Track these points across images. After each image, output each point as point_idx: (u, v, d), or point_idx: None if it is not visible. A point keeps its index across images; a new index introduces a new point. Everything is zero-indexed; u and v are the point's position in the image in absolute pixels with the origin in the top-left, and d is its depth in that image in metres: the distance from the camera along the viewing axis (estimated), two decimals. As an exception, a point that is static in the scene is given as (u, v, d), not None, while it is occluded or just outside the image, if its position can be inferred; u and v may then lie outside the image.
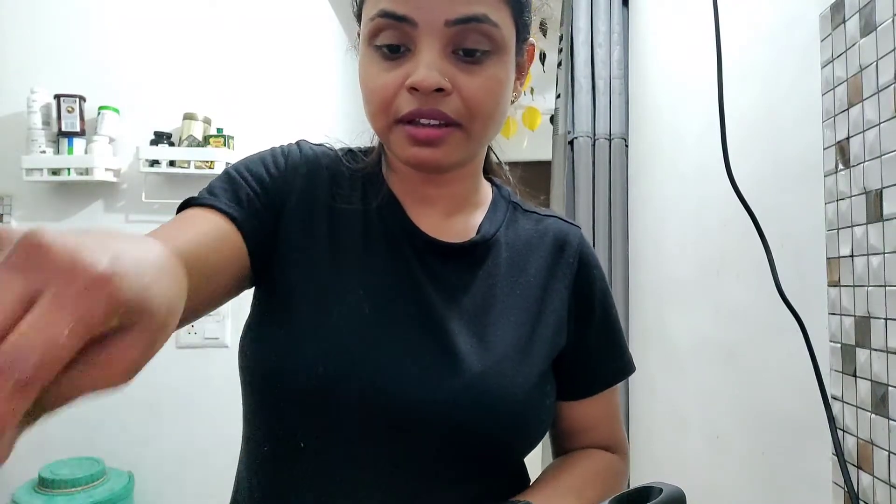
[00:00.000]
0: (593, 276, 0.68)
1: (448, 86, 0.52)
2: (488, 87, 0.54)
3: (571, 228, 0.69)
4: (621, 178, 1.89)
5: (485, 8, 0.52)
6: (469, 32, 0.52)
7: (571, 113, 1.93)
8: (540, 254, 0.65)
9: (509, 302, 0.62)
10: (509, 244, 0.65)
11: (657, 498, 0.43)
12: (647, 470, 1.66)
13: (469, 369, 0.56)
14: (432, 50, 0.52)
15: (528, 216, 0.69)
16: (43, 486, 1.63)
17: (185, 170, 1.82)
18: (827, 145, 0.78)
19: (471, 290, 0.61)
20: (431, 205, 0.64)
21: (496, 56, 0.54)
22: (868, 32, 0.69)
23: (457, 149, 0.56)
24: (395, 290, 0.59)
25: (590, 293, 0.67)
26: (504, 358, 0.58)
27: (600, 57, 1.91)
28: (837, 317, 0.76)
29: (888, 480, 0.65)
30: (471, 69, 0.53)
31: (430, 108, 0.53)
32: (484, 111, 0.55)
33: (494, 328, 0.60)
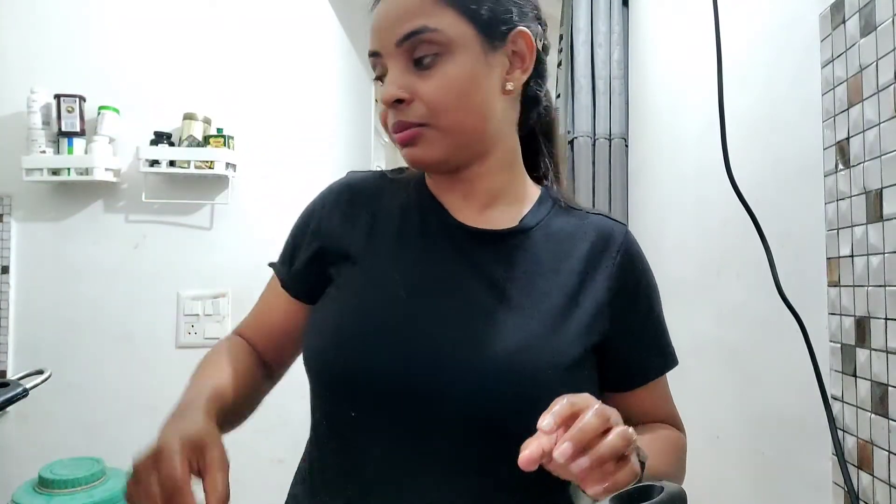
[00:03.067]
0: (637, 270, 0.70)
1: (404, 95, 0.61)
2: (443, 85, 0.61)
3: (617, 225, 0.71)
4: (621, 178, 1.89)
5: (422, 20, 0.60)
6: (416, 45, 0.61)
7: (571, 113, 1.93)
8: (582, 246, 0.67)
9: (546, 288, 0.64)
10: (551, 236, 0.68)
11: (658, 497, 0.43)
12: (647, 470, 1.66)
13: (504, 350, 0.59)
14: (395, 69, 0.62)
15: (574, 213, 0.71)
16: (43, 486, 1.63)
17: (185, 170, 1.82)
18: (827, 145, 0.78)
19: (508, 276, 0.64)
20: (468, 199, 0.69)
21: (447, 56, 0.61)
22: (868, 32, 0.69)
23: (434, 144, 0.63)
24: (431, 275, 0.64)
25: (634, 287, 0.69)
26: (539, 340, 0.60)
27: (600, 57, 1.91)
28: (837, 317, 0.76)
29: (888, 480, 0.65)
30: (425, 74, 0.61)
31: (397, 121, 0.63)
32: (444, 107, 0.61)
33: (531, 312, 0.62)
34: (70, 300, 1.87)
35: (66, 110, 1.81)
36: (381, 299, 0.64)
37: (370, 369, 0.60)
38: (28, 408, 1.56)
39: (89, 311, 1.87)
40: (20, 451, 1.85)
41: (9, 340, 1.90)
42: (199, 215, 1.92)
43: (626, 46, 1.93)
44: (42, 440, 1.86)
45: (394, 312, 0.62)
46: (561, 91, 2.00)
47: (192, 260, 1.89)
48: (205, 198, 1.92)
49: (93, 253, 1.88)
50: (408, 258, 0.66)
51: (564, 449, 0.44)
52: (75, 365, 1.85)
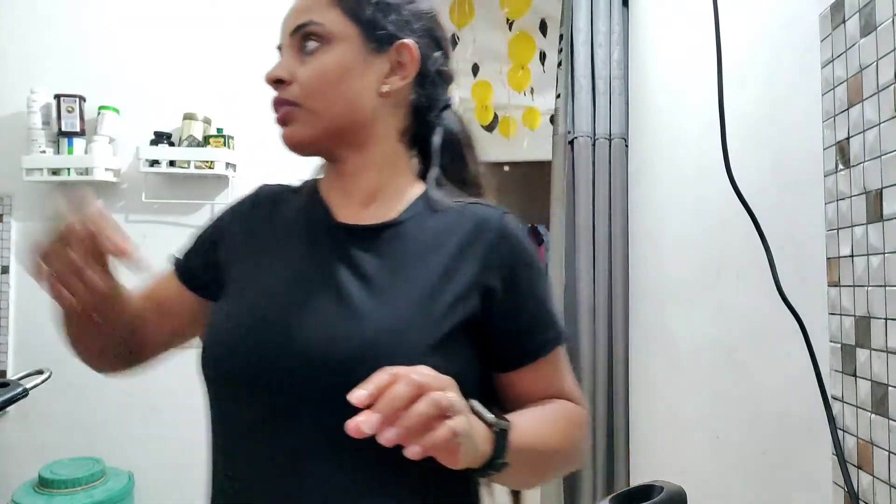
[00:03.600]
0: (514, 251, 0.71)
1: (284, 75, 0.70)
2: (318, 71, 0.69)
3: (493, 210, 0.73)
4: (621, 178, 1.89)
5: (310, 15, 0.70)
6: (304, 36, 0.70)
7: (571, 113, 1.93)
8: (458, 234, 0.71)
9: (415, 276, 0.68)
10: (425, 228, 0.72)
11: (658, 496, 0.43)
12: (647, 470, 1.66)
13: (365, 330, 0.63)
14: (285, 56, 0.72)
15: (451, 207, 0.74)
16: (43, 486, 1.63)
17: (185, 170, 1.82)
18: (827, 145, 0.78)
19: (379, 267, 0.68)
20: (348, 197, 0.74)
21: (326, 46, 0.70)
22: (868, 32, 0.69)
23: (302, 124, 0.71)
24: (307, 271, 0.69)
25: (510, 267, 0.70)
26: (402, 324, 0.64)
27: (600, 57, 1.91)
28: (837, 317, 0.76)
29: (888, 480, 0.65)
30: (305, 60, 0.70)
31: (276, 96, 0.71)
32: (314, 88, 0.69)
33: (397, 298, 0.66)
34: (70, 300, 1.87)
35: (66, 110, 1.81)
36: (254, 298, 0.69)
37: (238, 365, 0.65)
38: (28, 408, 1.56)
39: (89, 311, 1.87)
40: (20, 451, 1.86)
41: (9, 340, 1.90)
42: (199, 215, 1.92)
43: (626, 46, 1.93)
44: (42, 440, 1.86)
45: (267, 311, 0.67)
46: (561, 91, 2.00)
47: (192, 260, 1.89)
48: (205, 198, 1.92)
49: (93, 253, 1.88)
50: (287, 258, 0.72)
51: (371, 420, 0.47)
52: (75, 365, 1.84)
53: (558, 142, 2.00)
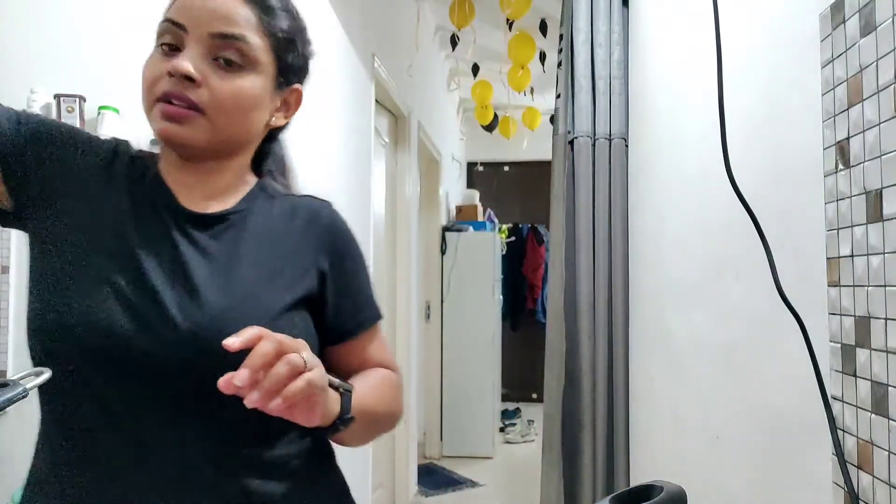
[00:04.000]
0: (340, 239, 0.82)
1: (197, 76, 0.67)
2: (234, 92, 0.69)
3: (323, 203, 0.84)
4: (621, 178, 1.89)
5: (241, 29, 0.69)
6: (227, 46, 0.69)
7: (571, 113, 1.93)
8: (293, 222, 0.79)
9: (256, 257, 0.74)
10: (263, 215, 0.78)
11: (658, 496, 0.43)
12: (647, 470, 1.66)
13: (206, 308, 0.67)
14: (194, 52, 0.68)
15: (285, 199, 0.82)
16: (43, 486, 1.63)
17: (185, 170, 1.82)
18: (827, 145, 0.78)
19: (223, 251, 0.73)
20: (194, 189, 0.76)
21: (247, 71, 0.70)
22: (868, 32, 0.69)
23: (199, 131, 0.69)
24: (157, 251, 0.70)
25: (338, 252, 0.81)
26: (243, 300, 0.70)
27: (600, 57, 1.91)
28: (837, 317, 0.76)
29: (888, 480, 0.65)
30: (223, 75, 0.69)
31: (179, 91, 0.67)
32: (226, 108, 0.69)
33: (237, 277, 0.71)
34: (70, 300, 1.87)
35: (66, 110, 1.81)
36: (102, 273, 0.68)
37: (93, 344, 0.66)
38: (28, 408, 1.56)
39: (89, 311, 1.87)
40: (20, 452, 1.86)
41: (9, 340, 1.90)
42: (199, 215, 1.92)
43: (626, 46, 1.93)
44: (42, 440, 1.86)
45: (108, 293, 0.67)
46: (561, 91, 2.00)
47: (192, 260, 1.89)
48: (205, 198, 1.92)
49: (93, 253, 1.88)
50: (133, 237, 0.71)
51: (242, 375, 0.54)
52: (75, 365, 1.85)
53: (558, 142, 2.00)
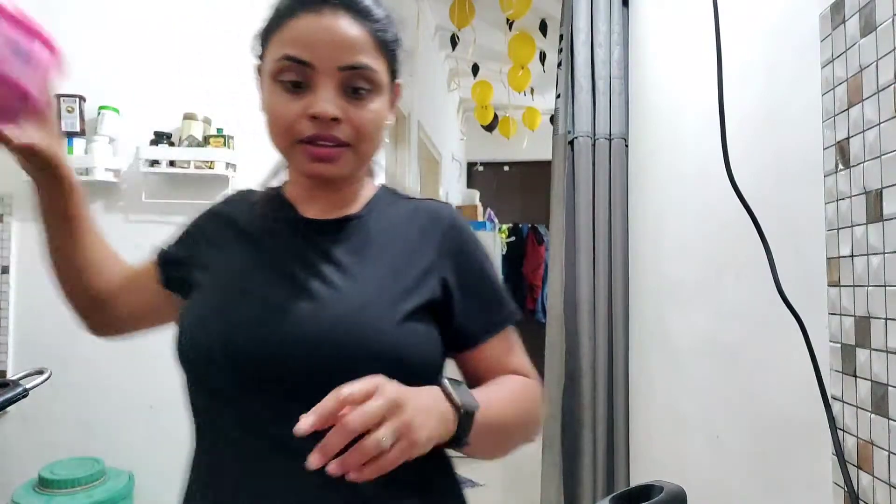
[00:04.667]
0: (463, 239, 0.79)
1: (341, 116, 0.69)
2: (371, 117, 0.71)
3: (444, 205, 0.83)
4: (621, 178, 1.89)
5: (367, 59, 0.70)
6: (356, 76, 0.70)
7: (571, 113, 1.93)
8: (413, 225, 0.78)
9: (378, 262, 0.74)
10: (384, 220, 0.79)
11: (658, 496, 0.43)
12: (647, 470, 1.66)
13: (339, 315, 0.68)
14: (328, 88, 0.69)
15: (406, 202, 0.83)
16: (43, 486, 1.63)
17: (185, 170, 1.82)
18: (827, 145, 0.78)
19: (345, 255, 0.74)
20: (318, 201, 0.79)
21: (375, 94, 0.72)
22: (868, 32, 0.69)
23: (347, 164, 0.72)
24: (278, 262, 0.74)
25: (461, 254, 0.78)
26: (369, 302, 0.70)
27: (600, 57, 1.91)
28: (837, 317, 0.76)
29: (888, 480, 0.65)
30: (357, 104, 0.70)
31: (326, 133, 0.69)
32: (368, 134, 0.72)
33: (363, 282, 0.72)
34: (70, 300, 1.87)
35: (66, 110, 1.81)
36: (229, 289, 0.73)
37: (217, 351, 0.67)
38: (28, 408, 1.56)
39: (89, 311, 1.87)
40: (20, 451, 1.86)
41: (9, 340, 1.90)
42: (199, 215, 1.92)
43: (626, 46, 1.93)
44: (42, 440, 1.86)
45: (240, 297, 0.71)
46: (561, 91, 2.00)
47: (192, 260, 1.89)
48: (205, 198, 1.91)
49: (93, 253, 1.88)
50: (257, 253, 0.76)
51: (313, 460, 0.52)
52: (75, 365, 1.85)
53: (558, 142, 2.00)
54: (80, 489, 1.63)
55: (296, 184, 0.81)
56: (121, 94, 1.90)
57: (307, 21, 0.69)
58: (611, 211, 1.88)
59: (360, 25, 0.70)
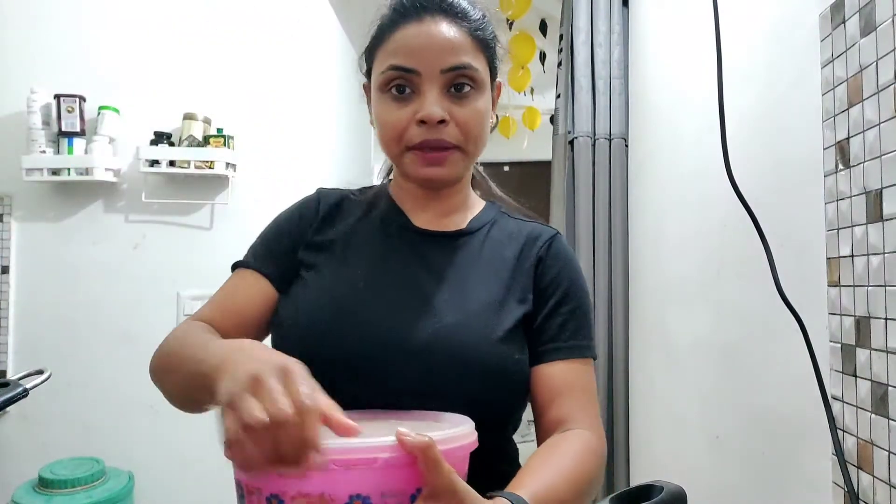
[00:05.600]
0: (561, 264, 0.80)
1: (447, 117, 0.70)
2: (475, 116, 0.72)
3: (546, 229, 0.83)
4: (621, 178, 1.89)
5: (468, 58, 0.71)
6: (458, 76, 0.71)
7: (571, 113, 1.93)
8: (516, 244, 0.80)
9: (482, 278, 0.75)
10: (490, 237, 0.80)
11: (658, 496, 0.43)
12: (647, 470, 1.66)
13: (442, 321, 0.70)
14: (433, 91, 0.70)
15: (514, 220, 0.84)
16: (43, 486, 1.63)
17: (185, 170, 1.82)
18: (827, 145, 0.78)
19: (453, 267, 0.76)
20: (427, 209, 0.80)
21: (478, 92, 0.73)
22: (868, 32, 0.69)
23: (457, 166, 0.74)
24: (387, 270, 0.75)
25: (555, 276, 0.78)
26: (473, 318, 0.71)
27: (600, 57, 1.91)
28: (837, 317, 0.76)
29: (888, 480, 0.65)
30: (461, 103, 0.72)
31: (436, 139, 0.71)
32: (474, 133, 0.73)
33: (467, 296, 0.73)
34: (70, 300, 1.87)
35: (66, 110, 1.81)
36: (341, 291, 0.74)
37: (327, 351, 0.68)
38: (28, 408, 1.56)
39: (89, 311, 1.87)
40: (20, 451, 1.86)
41: (9, 340, 1.90)
42: (199, 215, 1.92)
43: (626, 46, 1.93)
44: (42, 440, 1.86)
45: (351, 301, 0.72)
46: (561, 91, 2.00)
47: (192, 260, 1.89)
48: (205, 198, 1.92)
49: (93, 253, 1.88)
50: (368, 257, 0.77)
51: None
52: (75, 365, 1.85)
53: (558, 142, 2.00)
54: (80, 489, 1.63)
55: (402, 188, 0.82)
56: (121, 94, 1.90)
57: (409, 31, 0.71)
58: (611, 211, 1.88)
59: (458, 27, 0.72)
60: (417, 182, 0.76)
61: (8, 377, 1.18)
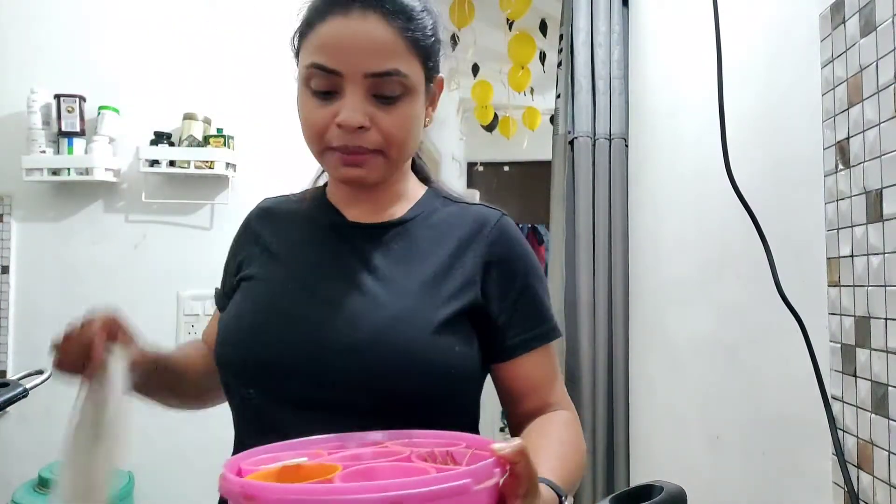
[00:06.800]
0: (510, 247, 0.77)
1: (367, 124, 0.67)
2: (401, 123, 0.69)
3: (492, 211, 0.80)
4: (621, 178, 1.89)
5: (397, 63, 0.67)
6: (384, 83, 0.67)
7: (571, 113, 1.93)
8: (459, 231, 0.76)
9: (420, 268, 0.73)
10: (430, 225, 0.77)
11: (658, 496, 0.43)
12: (647, 470, 1.66)
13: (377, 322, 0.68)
14: (355, 95, 0.67)
15: (454, 205, 0.81)
16: (43, 486, 1.63)
17: (185, 170, 1.82)
18: (827, 145, 0.78)
19: (389, 259, 0.74)
20: (360, 204, 0.78)
21: (407, 97, 0.69)
22: (868, 32, 0.69)
23: (377, 169, 0.71)
24: (320, 268, 0.74)
25: (506, 262, 0.76)
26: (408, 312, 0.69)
27: (600, 57, 1.91)
28: (837, 317, 0.76)
29: (888, 480, 0.65)
30: (386, 109, 0.68)
31: (353, 143, 0.68)
32: (398, 140, 0.70)
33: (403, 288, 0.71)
34: (70, 300, 1.87)
35: (66, 110, 1.81)
36: (275, 292, 0.73)
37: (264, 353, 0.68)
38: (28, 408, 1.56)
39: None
40: (20, 451, 1.85)
41: (9, 340, 1.90)
42: (199, 215, 1.92)
43: (626, 46, 1.93)
44: (42, 440, 1.85)
45: (285, 301, 0.71)
46: (561, 91, 2.00)
47: (192, 260, 1.89)
48: (205, 198, 1.92)
49: (93, 253, 1.88)
50: (301, 256, 0.76)
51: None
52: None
53: (558, 142, 2.00)
54: (80, 489, 1.63)
55: (336, 185, 0.81)
56: (121, 94, 1.90)
57: (335, 25, 0.67)
58: (611, 211, 1.88)
59: (390, 26, 0.67)
60: (342, 183, 0.75)
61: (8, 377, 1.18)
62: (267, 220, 0.83)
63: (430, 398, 0.68)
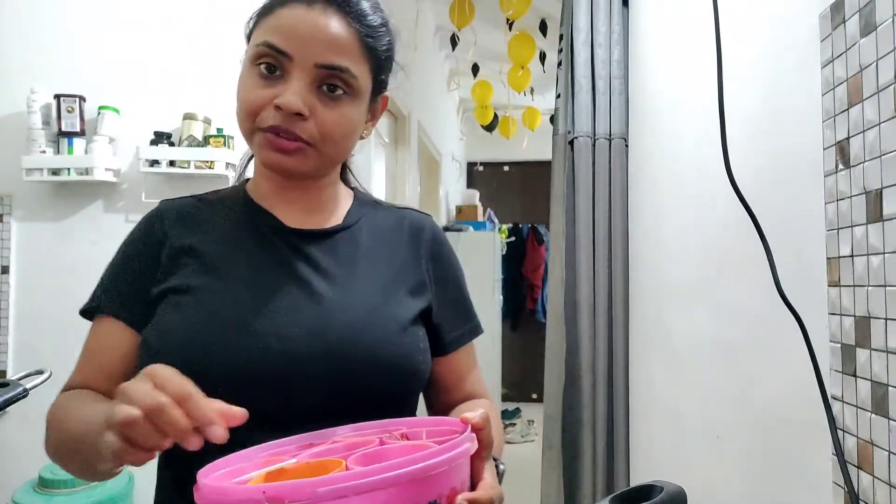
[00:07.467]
0: (444, 251, 0.83)
1: (307, 112, 0.66)
2: (340, 121, 0.69)
3: (425, 217, 0.85)
4: (621, 178, 1.89)
5: (348, 62, 0.68)
6: (333, 77, 0.68)
7: (571, 113, 1.93)
8: (400, 234, 0.80)
9: (373, 270, 0.75)
10: (372, 229, 0.80)
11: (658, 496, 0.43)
12: (647, 470, 1.66)
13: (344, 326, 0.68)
14: (301, 82, 0.66)
15: (387, 210, 0.84)
16: (43, 486, 1.63)
17: (185, 170, 1.82)
18: (827, 145, 0.78)
19: (339, 265, 0.74)
20: (292, 206, 0.76)
21: (350, 99, 0.70)
22: (868, 32, 0.69)
23: (306, 161, 0.69)
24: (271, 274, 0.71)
25: (443, 265, 0.82)
26: (372, 314, 0.70)
27: (600, 57, 1.91)
28: (837, 317, 0.76)
29: (888, 480, 0.65)
30: (329, 104, 0.68)
31: (287, 127, 0.67)
32: (334, 138, 0.69)
33: (366, 289, 0.72)
34: (70, 300, 1.86)
35: (66, 110, 1.81)
36: (225, 304, 0.68)
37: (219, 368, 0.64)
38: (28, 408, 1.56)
39: (89, 311, 1.87)
40: (20, 451, 1.85)
41: (9, 340, 1.90)
42: (199, 215, 1.92)
43: (626, 46, 1.93)
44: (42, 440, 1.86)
45: (240, 313, 0.67)
46: (561, 91, 2.00)
47: (192, 260, 1.89)
48: (205, 198, 1.92)
49: (93, 253, 1.88)
50: (246, 264, 0.72)
51: None
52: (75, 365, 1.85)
53: (558, 142, 2.00)
54: (80, 489, 1.63)
55: (263, 185, 0.77)
56: (121, 94, 1.90)
57: (296, 12, 0.67)
58: (611, 211, 1.88)
59: (348, 27, 0.68)
60: (266, 167, 0.72)
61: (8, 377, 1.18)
62: (182, 225, 0.75)
63: (398, 395, 0.71)
